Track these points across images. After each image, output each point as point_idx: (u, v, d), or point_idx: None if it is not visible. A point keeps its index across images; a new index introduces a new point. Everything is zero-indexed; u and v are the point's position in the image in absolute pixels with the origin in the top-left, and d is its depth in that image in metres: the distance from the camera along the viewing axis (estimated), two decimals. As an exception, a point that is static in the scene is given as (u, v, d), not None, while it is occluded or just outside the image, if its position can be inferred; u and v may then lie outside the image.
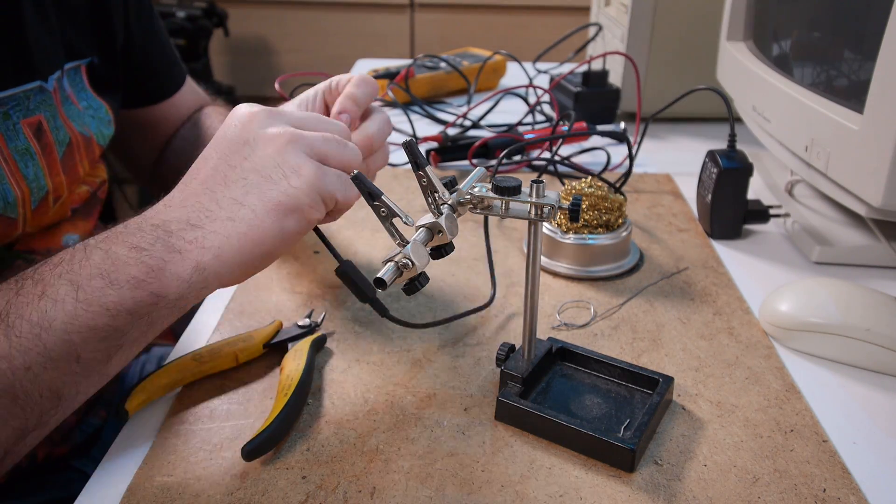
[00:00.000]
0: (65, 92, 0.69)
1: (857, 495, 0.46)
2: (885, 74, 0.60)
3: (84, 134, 0.71)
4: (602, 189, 0.71)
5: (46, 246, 0.70)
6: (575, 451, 0.49)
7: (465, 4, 2.39)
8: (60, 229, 0.72)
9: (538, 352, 0.55)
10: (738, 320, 0.64)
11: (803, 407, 0.54)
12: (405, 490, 0.46)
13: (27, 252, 0.69)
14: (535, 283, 0.52)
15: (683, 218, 0.82)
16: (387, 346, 0.60)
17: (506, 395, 0.52)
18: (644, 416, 0.50)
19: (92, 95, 0.73)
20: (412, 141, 0.47)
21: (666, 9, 1.06)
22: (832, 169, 0.67)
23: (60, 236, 0.72)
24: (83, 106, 0.72)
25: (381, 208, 0.46)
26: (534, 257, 0.52)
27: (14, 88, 0.63)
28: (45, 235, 0.70)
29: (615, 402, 0.53)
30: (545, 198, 0.49)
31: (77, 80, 0.71)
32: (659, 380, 0.53)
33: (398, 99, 1.15)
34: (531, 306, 0.53)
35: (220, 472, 0.48)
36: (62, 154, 0.68)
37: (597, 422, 0.51)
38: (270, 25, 2.46)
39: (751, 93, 0.85)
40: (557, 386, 0.55)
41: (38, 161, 0.65)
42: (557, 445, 0.50)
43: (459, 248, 0.75)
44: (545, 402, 0.53)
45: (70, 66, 0.70)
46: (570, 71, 1.10)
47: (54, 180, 0.67)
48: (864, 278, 0.70)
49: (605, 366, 0.56)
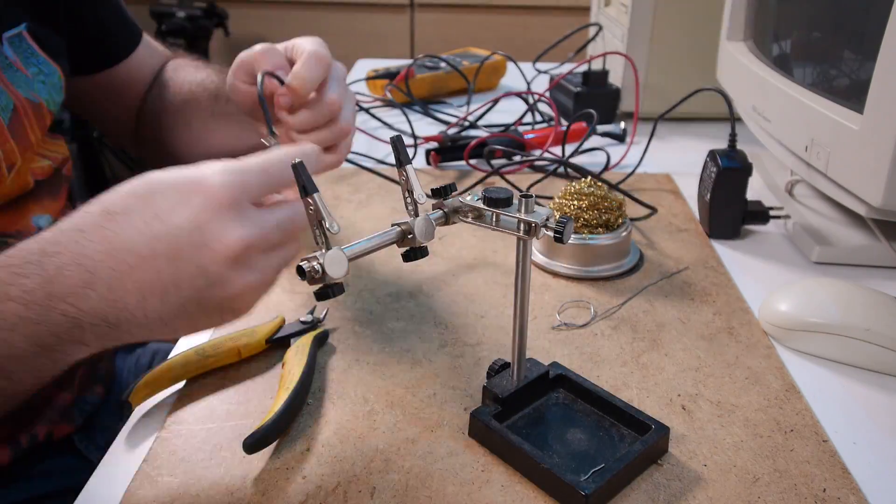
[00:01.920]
0: (6, 59, 0.67)
1: (857, 495, 0.46)
2: (885, 74, 0.60)
3: (32, 100, 0.69)
4: (602, 189, 0.71)
5: (16, 228, 0.69)
6: (534, 483, 0.46)
7: (465, 4, 2.40)
8: (27, 209, 0.70)
9: (530, 374, 0.52)
10: (738, 320, 0.64)
11: (803, 407, 0.54)
12: (405, 490, 0.46)
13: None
14: (525, 301, 0.49)
15: (683, 218, 0.82)
16: (387, 346, 0.60)
17: (480, 412, 0.49)
18: (617, 462, 0.46)
19: (45, 59, 0.72)
20: (398, 137, 0.46)
21: (666, 9, 1.07)
22: (832, 169, 0.67)
23: (29, 217, 0.70)
24: (32, 72, 0.70)
25: (311, 206, 0.43)
26: (522, 275, 0.48)
27: None
28: (13, 215, 0.69)
29: (599, 442, 0.49)
30: (533, 214, 0.46)
31: (24, 45, 0.70)
32: (651, 426, 0.48)
33: (397, 99, 1.15)
34: (520, 326, 0.50)
35: (221, 471, 0.48)
36: (7, 120, 0.66)
37: (568, 459, 0.47)
38: (270, 25, 2.46)
39: (751, 93, 0.85)
40: (548, 414, 0.52)
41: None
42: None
43: (460, 249, 0.75)
44: (524, 428, 0.50)
45: (9, 34, 0.68)
46: (570, 71, 1.10)
47: (4, 147, 0.65)
48: (864, 278, 0.70)
49: (602, 401, 0.51)
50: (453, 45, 1.63)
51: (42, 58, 0.71)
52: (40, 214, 0.72)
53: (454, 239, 0.77)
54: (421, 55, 1.26)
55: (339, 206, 0.84)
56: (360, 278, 0.69)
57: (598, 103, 1.05)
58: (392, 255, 0.73)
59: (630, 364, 0.58)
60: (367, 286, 0.68)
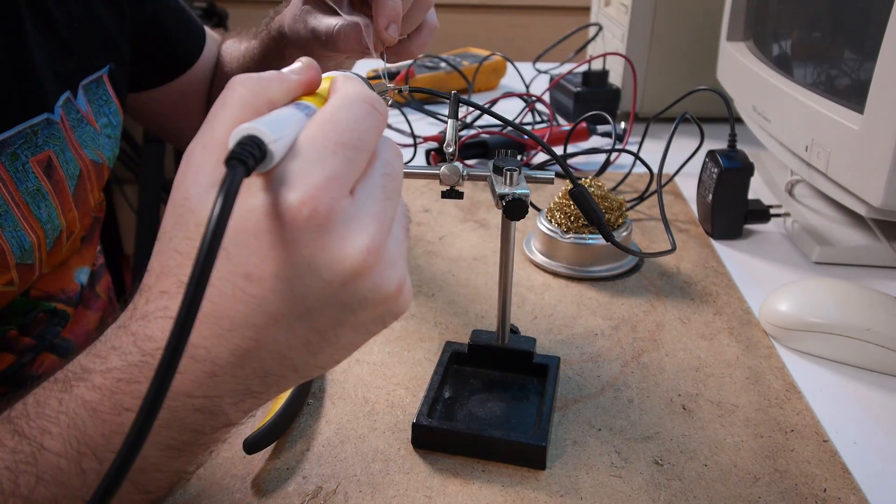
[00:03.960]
0: (79, 114, 0.63)
1: (857, 495, 0.46)
2: (885, 74, 0.60)
3: (96, 160, 0.66)
4: (602, 189, 0.71)
5: (61, 286, 0.67)
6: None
7: (465, 4, 2.39)
8: (70, 265, 0.68)
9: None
10: (738, 320, 0.64)
11: (803, 407, 0.54)
12: (405, 490, 0.46)
13: (44, 299, 0.65)
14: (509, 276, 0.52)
15: (683, 218, 0.82)
16: (387, 346, 0.60)
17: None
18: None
19: (115, 107, 0.69)
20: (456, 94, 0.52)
21: (666, 9, 1.06)
22: (832, 169, 0.67)
23: (72, 272, 0.68)
24: (101, 124, 0.66)
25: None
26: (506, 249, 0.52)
27: (21, 125, 0.57)
28: (57, 275, 0.66)
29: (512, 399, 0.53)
30: (506, 188, 0.49)
31: (100, 91, 0.67)
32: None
33: (396, 99, 1.15)
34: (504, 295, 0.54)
35: (221, 471, 0.48)
36: (73, 188, 0.63)
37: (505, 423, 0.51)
38: (270, 25, 2.46)
39: (751, 93, 0.85)
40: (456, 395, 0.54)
41: (51, 200, 0.60)
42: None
43: (460, 249, 0.75)
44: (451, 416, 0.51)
45: (87, 80, 0.64)
46: (570, 71, 1.10)
47: (67, 217, 0.62)
48: (864, 278, 0.70)
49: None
50: (453, 45, 1.63)
51: (114, 105, 0.68)
52: (80, 268, 0.70)
53: (454, 239, 0.77)
54: (421, 55, 1.26)
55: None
56: (360, 278, 0.69)
57: (598, 103, 1.05)
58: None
59: (630, 364, 0.58)
60: (367, 286, 0.68)
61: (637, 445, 0.50)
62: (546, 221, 0.72)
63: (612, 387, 0.55)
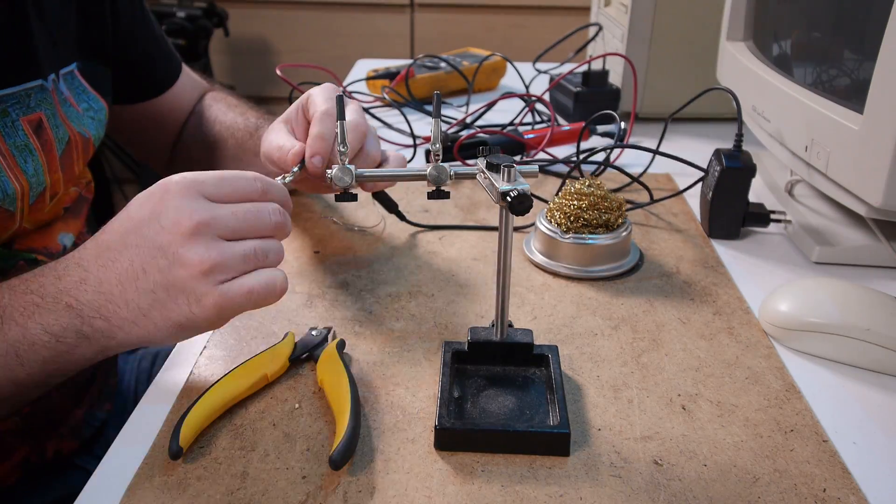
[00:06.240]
0: (62, 94, 0.70)
1: (857, 495, 0.46)
2: (885, 74, 0.60)
3: (83, 134, 0.72)
4: (602, 189, 0.71)
5: (44, 244, 0.71)
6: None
7: (465, 4, 2.39)
8: (55, 228, 0.73)
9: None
10: (738, 320, 0.64)
11: (803, 407, 0.54)
12: (405, 490, 0.46)
13: (27, 251, 0.69)
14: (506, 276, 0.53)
15: (683, 217, 0.82)
16: (387, 346, 0.60)
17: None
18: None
19: (94, 96, 0.74)
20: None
21: (666, 9, 1.06)
22: (832, 169, 0.67)
23: (56, 235, 0.73)
24: (83, 108, 0.73)
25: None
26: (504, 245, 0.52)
27: (15, 87, 0.64)
28: (42, 234, 0.71)
29: (520, 391, 0.53)
30: (507, 184, 0.48)
31: (75, 82, 0.72)
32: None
33: (395, 99, 1.15)
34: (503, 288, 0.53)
35: (220, 471, 0.48)
36: (61, 152, 0.69)
37: (521, 416, 0.51)
38: (271, 25, 2.46)
39: (751, 93, 0.85)
40: (465, 394, 0.54)
41: (38, 157, 0.66)
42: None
43: (460, 249, 0.75)
44: (465, 415, 0.51)
45: (64, 71, 0.71)
46: (570, 71, 1.10)
47: (52, 177, 0.68)
48: (864, 278, 0.70)
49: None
50: (453, 45, 1.63)
51: (92, 94, 0.74)
52: (65, 233, 0.74)
53: (454, 239, 0.77)
54: (421, 55, 1.26)
55: (338, 206, 0.84)
56: (359, 278, 0.69)
57: (597, 103, 1.05)
58: (392, 255, 0.73)
59: (630, 364, 0.58)
60: (367, 286, 0.68)
61: (637, 445, 0.50)
62: (546, 221, 0.72)
63: (612, 387, 0.55)
